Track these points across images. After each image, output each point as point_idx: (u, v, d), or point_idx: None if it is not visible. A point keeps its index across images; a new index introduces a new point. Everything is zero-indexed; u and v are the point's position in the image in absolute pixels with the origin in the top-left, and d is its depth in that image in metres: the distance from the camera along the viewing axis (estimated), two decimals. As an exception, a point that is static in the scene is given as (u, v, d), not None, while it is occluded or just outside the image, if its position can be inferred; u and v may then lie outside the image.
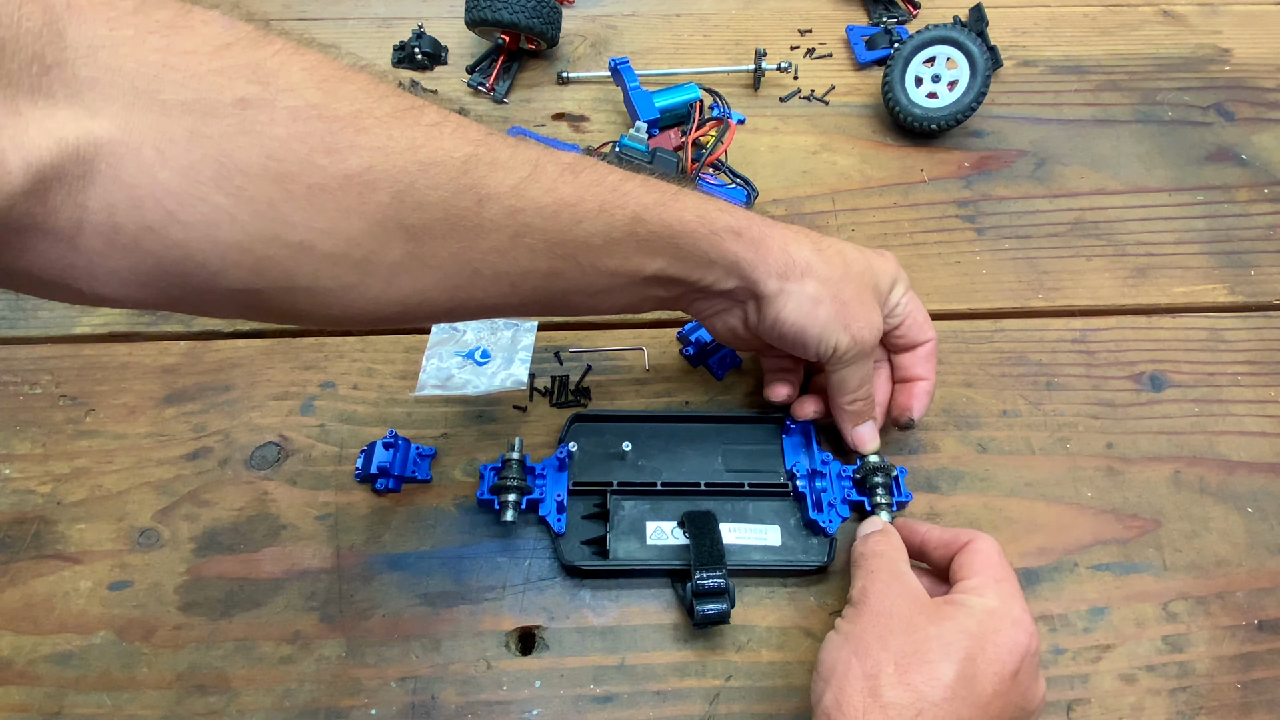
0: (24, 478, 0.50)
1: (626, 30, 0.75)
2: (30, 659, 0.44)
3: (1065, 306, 0.59)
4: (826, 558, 0.47)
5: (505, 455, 0.47)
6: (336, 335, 0.56)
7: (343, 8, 0.75)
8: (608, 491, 0.48)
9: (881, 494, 0.47)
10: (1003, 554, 0.41)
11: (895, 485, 0.48)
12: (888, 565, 0.41)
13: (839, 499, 0.48)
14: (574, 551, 0.47)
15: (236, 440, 0.51)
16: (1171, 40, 0.76)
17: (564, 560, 0.46)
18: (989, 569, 0.39)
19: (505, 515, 0.45)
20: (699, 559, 0.44)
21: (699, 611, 0.43)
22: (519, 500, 0.45)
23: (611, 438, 0.50)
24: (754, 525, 0.48)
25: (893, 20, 0.75)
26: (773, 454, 0.51)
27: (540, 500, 0.47)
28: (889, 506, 0.47)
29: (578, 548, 0.47)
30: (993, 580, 0.39)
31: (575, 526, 0.48)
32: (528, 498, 0.46)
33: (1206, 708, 0.44)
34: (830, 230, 0.62)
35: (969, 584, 0.39)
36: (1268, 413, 0.54)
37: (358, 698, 0.43)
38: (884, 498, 0.47)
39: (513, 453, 0.47)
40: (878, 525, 0.44)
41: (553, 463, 0.48)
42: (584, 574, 0.47)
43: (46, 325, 0.56)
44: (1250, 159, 0.67)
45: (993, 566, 0.40)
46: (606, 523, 0.47)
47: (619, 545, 0.47)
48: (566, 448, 0.47)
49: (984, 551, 0.40)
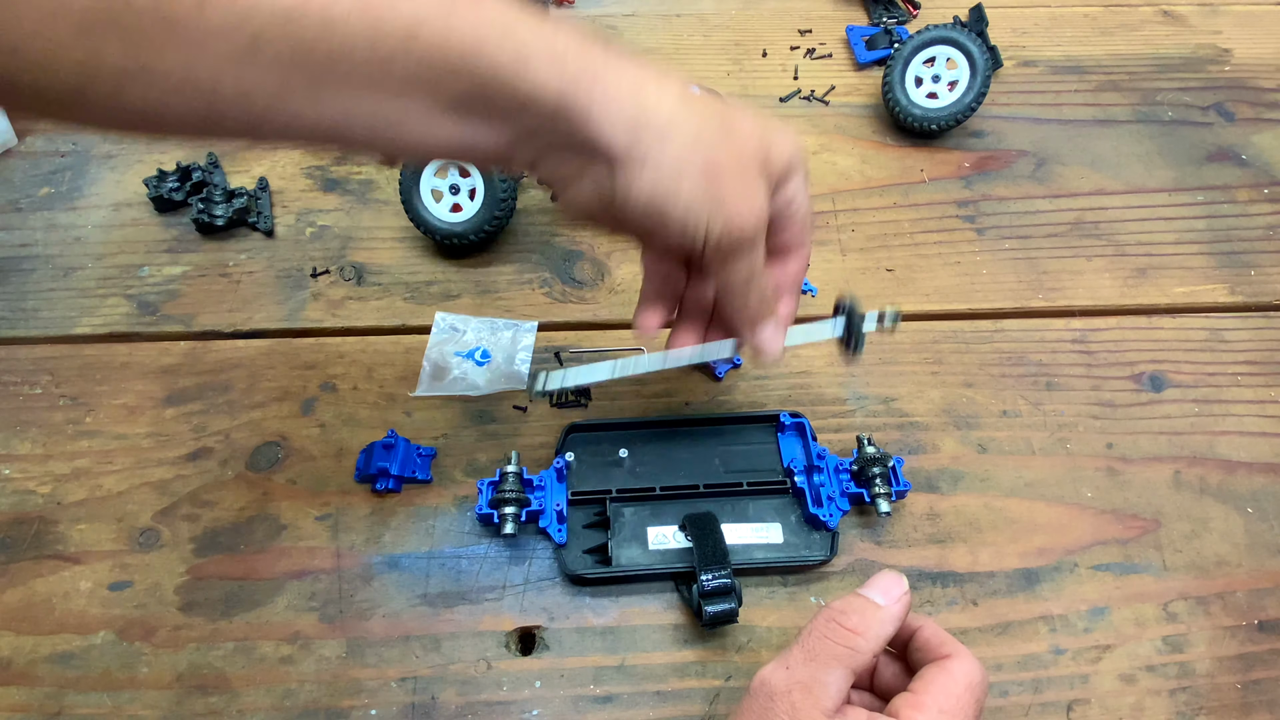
0: (24, 478, 0.50)
1: (626, 31, 0.75)
2: (30, 659, 0.44)
3: (1065, 307, 0.59)
4: (829, 552, 0.47)
5: (503, 469, 0.47)
6: (337, 335, 0.56)
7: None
8: (607, 499, 0.48)
9: (880, 484, 0.47)
10: (976, 689, 0.34)
11: (893, 475, 0.48)
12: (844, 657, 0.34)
13: (838, 492, 0.48)
14: (577, 561, 0.47)
15: (237, 440, 0.51)
16: (1171, 40, 0.76)
17: (568, 570, 0.46)
18: (943, 697, 0.33)
19: (505, 528, 0.45)
20: (703, 559, 0.44)
21: (707, 612, 0.43)
22: (519, 513, 0.45)
23: (608, 445, 0.50)
24: (755, 524, 0.48)
25: (893, 20, 0.75)
26: (769, 452, 0.51)
27: (540, 512, 0.47)
28: (888, 496, 0.47)
29: (580, 557, 0.47)
30: (936, 711, 0.32)
31: (577, 535, 0.48)
32: (527, 510, 0.46)
33: (1206, 708, 0.44)
34: (831, 230, 0.62)
35: (906, 703, 0.33)
36: (1268, 413, 0.54)
37: (358, 698, 0.43)
38: (882, 488, 0.47)
39: (510, 465, 0.47)
40: (894, 588, 0.36)
41: (551, 474, 0.48)
42: (589, 582, 0.47)
43: (47, 325, 0.56)
44: (1250, 159, 0.67)
45: (949, 696, 0.33)
46: (608, 530, 0.47)
47: (621, 552, 0.47)
48: (563, 458, 0.48)
49: (951, 675, 0.34)
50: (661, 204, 0.33)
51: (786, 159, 0.36)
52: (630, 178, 0.33)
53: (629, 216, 0.34)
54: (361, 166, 0.64)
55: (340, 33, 0.29)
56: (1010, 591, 0.47)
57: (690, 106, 0.33)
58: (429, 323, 0.56)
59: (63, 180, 0.63)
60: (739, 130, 0.34)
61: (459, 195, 0.57)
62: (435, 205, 0.57)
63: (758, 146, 0.35)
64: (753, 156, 0.35)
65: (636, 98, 0.32)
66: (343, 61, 0.29)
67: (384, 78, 0.30)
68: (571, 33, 0.32)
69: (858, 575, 0.48)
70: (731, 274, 0.37)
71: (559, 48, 0.31)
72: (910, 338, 0.57)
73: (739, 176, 0.34)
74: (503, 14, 0.31)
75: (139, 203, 0.61)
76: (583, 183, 0.35)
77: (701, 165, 0.33)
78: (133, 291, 0.57)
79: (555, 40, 0.31)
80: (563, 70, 0.31)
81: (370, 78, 0.30)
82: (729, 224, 0.34)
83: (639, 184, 0.33)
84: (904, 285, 0.59)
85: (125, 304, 0.57)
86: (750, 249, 0.36)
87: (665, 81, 0.33)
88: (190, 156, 0.63)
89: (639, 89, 0.32)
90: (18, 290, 0.57)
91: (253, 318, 0.56)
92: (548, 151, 0.34)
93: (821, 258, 0.61)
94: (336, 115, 0.31)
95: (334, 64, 0.29)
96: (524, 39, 0.30)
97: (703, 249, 0.35)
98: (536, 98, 0.31)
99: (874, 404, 0.54)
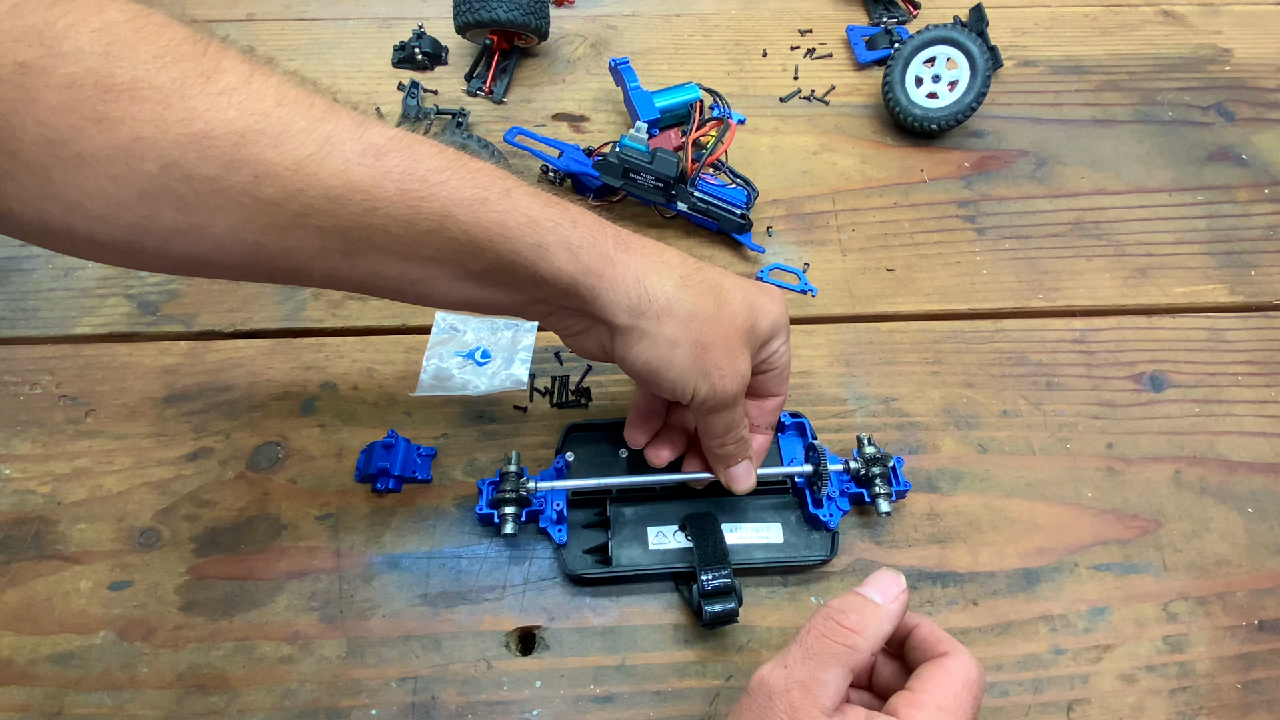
0: (24, 478, 0.50)
1: (626, 30, 0.75)
2: (31, 659, 0.44)
3: (1065, 306, 0.59)
4: (829, 552, 0.47)
5: (503, 469, 0.47)
6: (337, 335, 0.56)
7: (343, 8, 0.75)
8: (607, 499, 0.48)
9: (880, 484, 0.47)
10: (973, 685, 0.34)
11: (894, 475, 0.48)
12: (843, 656, 0.34)
13: (837, 493, 0.48)
14: (577, 561, 0.47)
15: (237, 440, 0.51)
16: (1172, 40, 0.76)
17: (568, 570, 0.46)
18: (941, 694, 0.33)
19: (505, 528, 0.45)
20: (703, 559, 0.44)
21: (707, 612, 0.43)
22: (519, 513, 0.45)
23: (607, 445, 0.50)
24: (755, 524, 0.48)
25: (893, 20, 0.75)
26: (770, 452, 0.51)
27: (540, 511, 0.47)
28: (888, 496, 0.47)
29: (580, 557, 0.47)
30: (934, 709, 0.33)
31: (577, 535, 0.48)
32: (527, 510, 0.46)
33: (1206, 708, 0.44)
34: (831, 230, 0.62)
35: (905, 701, 0.33)
36: (1268, 413, 0.54)
37: (358, 698, 0.43)
38: (882, 488, 0.47)
39: (510, 465, 0.47)
40: (892, 587, 0.36)
41: (550, 474, 0.48)
42: (589, 582, 0.47)
43: (47, 325, 0.56)
44: (1250, 159, 0.67)
45: (947, 694, 0.33)
46: (608, 530, 0.47)
47: (622, 552, 0.47)
48: (564, 458, 0.48)
49: (949, 672, 0.34)
50: (655, 369, 0.38)
51: (771, 324, 0.41)
52: (629, 345, 0.38)
53: (626, 370, 0.40)
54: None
55: (380, 216, 0.33)
56: (1010, 591, 0.47)
57: (687, 289, 0.38)
58: (429, 323, 0.56)
59: (63, 180, 0.63)
60: (729, 305, 0.39)
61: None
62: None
63: (745, 319, 0.40)
64: (740, 328, 0.39)
65: (640, 284, 0.37)
66: (379, 236, 0.34)
67: (414, 252, 0.34)
68: (588, 224, 0.37)
69: (858, 575, 0.48)
70: (713, 423, 0.41)
71: (575, 240, 0.36)
72: (910, 338, 0.57)
73: (725, 350, 0.39)
74: (529, 205, 0.35)
75: (139, 203, 0.61)
76: (587, 337, 0.40)
77: (693, 341, 0.38)
78: (133, 291, 0.57)
79: (573, 233, 0.36)
80: (576, 259, 0.36)
81: (401, 252, 0.34)
82: (714, 389, 0.39)
83: (636, 351, 0.38)
84: (904, 285, 0.59)
85: (125, 304, 0.57)
86: (731, 407, 0.41)
87: (667, 266, 0.38)
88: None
89: (643, 276, 0.37)
90: (18, 290, 0.57)
91: (253, 317, 0.56)
92: (557, 311, 0.39)
93: (822, 257, 0.61)
94: (368, 273, 0.35)
95: (371, 238, 0.34)
96: (544, 229, 0.35)
97: (689, 402, 0.40)
98: (552, 279, 0.36)
99: (874, 404, 0.54)
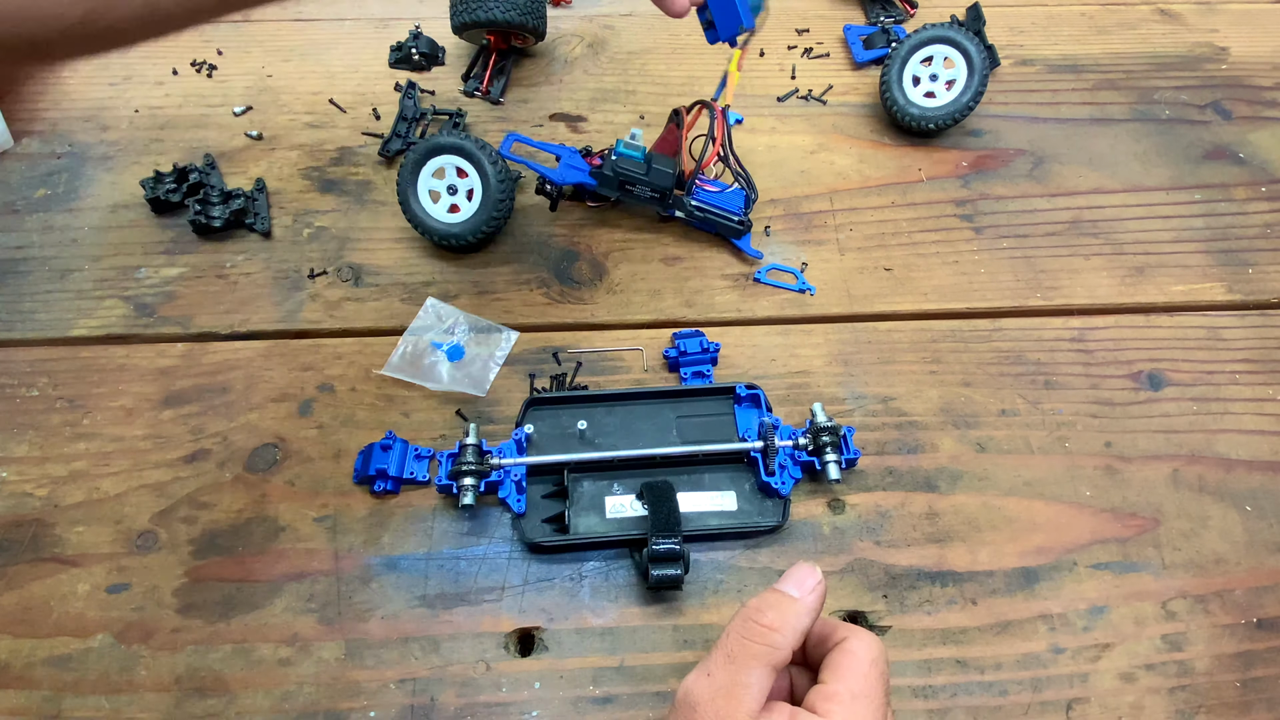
0: (21, 480, 0.50)
1: (624, 30, 0.75)
2: (28, 662, 0.44)
3: (1063, 305, 0.59)
4: (781, 518, 0.48)
5: (462, 441, 0.48)
6: (334, 337, 0.56)
7: (340, 8, 0.75)
8: (565, 470, 0.49)
9: (830, 453, 0.48)
10: (879, 661, 0.35)
11: (844, 444, 0.49)
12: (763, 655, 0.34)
13: (790, 461, 0.49)
14: (535, 530, 0.48)
15: (234, 442, 0.51)
16: (1168, 39, 0.76)
17: (525, 538, 0.47)
18: (851, 679, 0.34)
19: (464, 499, 0.46)
20: (655, 525, 0.45)
21: (653, 575, 0.44)
22: (477, 484, 0.46)
23: (567, 418, 0.51)
24: (710, 493, 0.49)
25: (890, 20, 0.75)
26: (726, 423, 0.52)
27: (499, 483, 0.48)
28: (838, 464, 0.48)
29: (538, 526, 0.48)
30: (849, 696, 0.34)
31: (536, 506, 0.49)
32: (486, 480, 0.47)
33: (1206, 706, 0.44)
34: (829, 230, 0.62)
35: (820, 695, 0.34)
36: (1266, 411, 0.54)
37: (357, 700, 0.43)
38: (833, 456, 0.48)
39: (469, 438, 0.48)
40: (808, 579, 0.37)
41: (510, 446, 0.49)
42: (546, 550, 0.47)
43: (43, 327, 0.56)
44: (1248, 157, 0.68)
45: (857, 677, 0.34)
46: (566, 500, 0.48)
47: (579, 521, 0.48)
48: (523, 430, 0.49)
49: (853, 654, 0.35)
50: None
51: None
52: None
53: None
54: (359, 167, 0.64)
55: None
56: (1009, 590, 0.47)
57: None
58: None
59: (59, 182, 0.62)
60: None
61: (456, 196, 0.57)
62: (433, 206, 0.57)
63: None
64: None
65: None
66: None
67: None
68: None
69: (857, 574, 0.48)
70: None
71: None
72: (908, 337, 0.57)
73: None
74: None
75: (136, 204, 0.61)
76: None
77: None
78: (130, 293, 0.57)
79: None
80: None
81: None
82: None
83: None
84: (902, 284, 0.59)
85: (122, 306, 0.57)
86: None
87: None
88: (187, 158, 0.63)
89: None
90: (14, 293, 0.57)
91: (250, 319, 0.56)
92: None
93: (820, 257, 0.61)
94: None
95: None
96: None
97: None
98: None
99: (872, 403, 0.54)
